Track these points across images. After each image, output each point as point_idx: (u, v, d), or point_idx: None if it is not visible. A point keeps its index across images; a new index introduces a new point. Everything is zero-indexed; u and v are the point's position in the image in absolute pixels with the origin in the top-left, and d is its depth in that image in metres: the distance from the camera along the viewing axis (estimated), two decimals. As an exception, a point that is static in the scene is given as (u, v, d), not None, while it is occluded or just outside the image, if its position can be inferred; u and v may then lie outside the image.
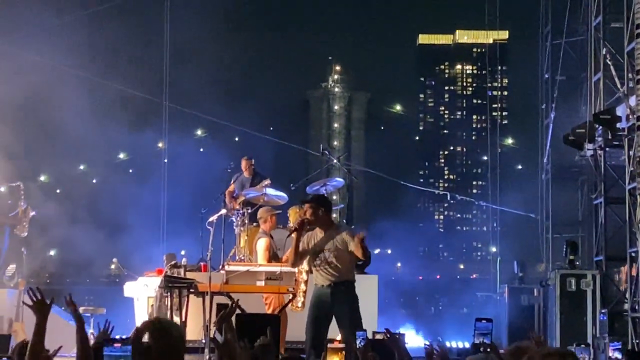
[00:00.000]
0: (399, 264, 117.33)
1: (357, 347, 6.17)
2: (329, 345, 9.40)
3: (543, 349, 4.28)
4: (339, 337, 11.34)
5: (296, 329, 13.02)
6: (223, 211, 15.29)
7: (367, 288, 14.93)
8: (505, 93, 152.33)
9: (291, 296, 13.20)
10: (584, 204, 21.26)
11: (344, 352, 8.78)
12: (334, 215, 18.00)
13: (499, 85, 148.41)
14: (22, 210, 17.49)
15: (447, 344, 18.02)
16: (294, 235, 11.65)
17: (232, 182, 17.38)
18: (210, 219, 14.91)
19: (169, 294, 13.21)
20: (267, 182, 16.55)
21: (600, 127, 17.84)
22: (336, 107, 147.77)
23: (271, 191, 16.04)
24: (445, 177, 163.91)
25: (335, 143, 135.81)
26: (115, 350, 4.44)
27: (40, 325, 6.28)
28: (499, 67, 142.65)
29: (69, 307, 6.56)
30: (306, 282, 12.95)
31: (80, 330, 6.37)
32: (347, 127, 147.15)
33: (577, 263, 18.35)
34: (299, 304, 12.97)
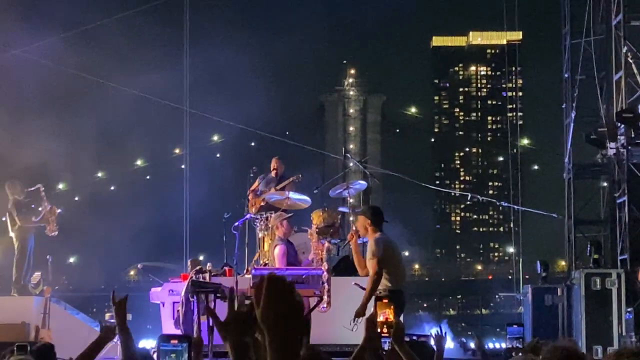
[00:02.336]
0: (416, 266, 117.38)
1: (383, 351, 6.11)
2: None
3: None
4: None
5: (320, 332, 13.02)
6: (247, 216, 15.30)
7: (391, 290, 14.93)
8: (521, 94, 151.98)
9: (317, 299, 13.20)
10: (606, 203, 21.18)
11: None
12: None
13: (514, 85, 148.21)
14: (48, 210, 17.52)
15: (472, 345, 18.00)
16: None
17: (257, 181, 17.29)
18: (236, 224, 14.90)
19: (195, 299, 13.19)
20: (296, 178, 16.60)
21: (623, 125, 17.80)
22: (351, 111, 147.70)
23: (294, 195, 16.04)
24: (461, 178, 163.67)
25: (351, 146, 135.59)
26: (170, 345, 4.42)
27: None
28: (514, 68, 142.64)
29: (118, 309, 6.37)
30: (329, 280, 12.98)
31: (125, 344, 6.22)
32: (362, 131, 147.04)
33: (601, 262, 18.31)
34: (324, 305, 12.97)
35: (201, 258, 18.26)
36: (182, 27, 30.48)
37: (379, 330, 5.65)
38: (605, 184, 21.39)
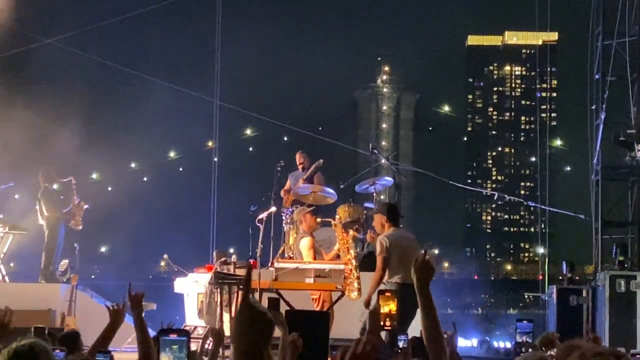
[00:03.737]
0: (445, 264, 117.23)
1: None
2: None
3: (595, 347, 4.20)
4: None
5: (343, 327, 13.08)
6: (273, 209, 15.38)
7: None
8: (555, 94, 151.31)
9: (339, 294, 13.27)
10: (634, 205, 21.10)
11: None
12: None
13: (548, 86, 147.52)
14: (76, 205, 17.67)
15: (495, 344, 18.04)
16: None
17: (288, 179, 17.36)
18: (260, 217, 14.99)
19: (218, 290, 13.30)
20: (319, 162, 16.66)
21: (652, 127, 17.76)
22: (385, 108, 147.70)
23: (320, 189, 16.07)
24: (493, 178, 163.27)
25: (384, 143, 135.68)
26: (170, 338, 4.46)
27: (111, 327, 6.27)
28: (549, 69, 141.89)
29: (132, 309, 6.37)
30: (357, 267, 13.04)
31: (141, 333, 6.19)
32: (395, 128, 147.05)
33: (627, 264, 18.27)
34: (355, 293, 12.97)
35: (231, 251, 18.36)
36: (215, 20, 30.57)
37: (381, 323, 5.69)
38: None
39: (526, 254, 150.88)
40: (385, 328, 5.72)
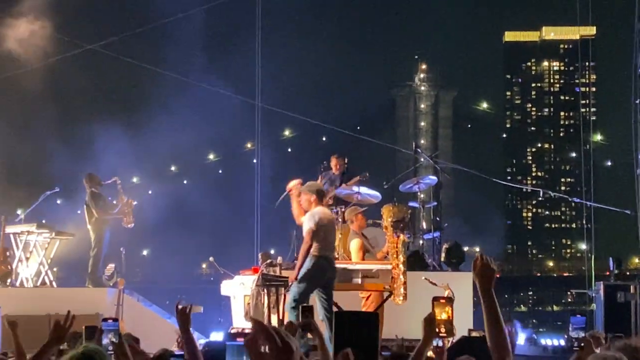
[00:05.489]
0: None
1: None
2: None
3: None
4: None
5: (389, 327, 13.03)
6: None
7: (461, 285, 14.90)
8: (594, 89, 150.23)
9: (387, 294, 13.24)
10: (680, 199, 20.88)
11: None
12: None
13: (587, 81, 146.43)
14: (125, 203, 17.73)
15: (543, 342, 17.91)
16: None
17: (319, 178, 17.29)
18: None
19: (265, 292, 13.28)
20: (363, 177, 16.55)
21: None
22: (423, 106, 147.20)
23: (364, 190, 16.03)
24: (533, 174, 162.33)
25: (422, 141, 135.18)
26: (237, 342, 4.36)
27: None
28: (587, 63, 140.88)
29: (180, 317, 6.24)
30: (404, 272, 12.99)
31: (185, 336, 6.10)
32: (433, 126, 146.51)
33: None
34: (401, 297, 12.96)
35: (272, 252, 18.37)
36: (255, 23, 30.59)
37: (437, 330, 5.60)
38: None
39: (568, 250, 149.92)
40: (441, 335, 5.64)
